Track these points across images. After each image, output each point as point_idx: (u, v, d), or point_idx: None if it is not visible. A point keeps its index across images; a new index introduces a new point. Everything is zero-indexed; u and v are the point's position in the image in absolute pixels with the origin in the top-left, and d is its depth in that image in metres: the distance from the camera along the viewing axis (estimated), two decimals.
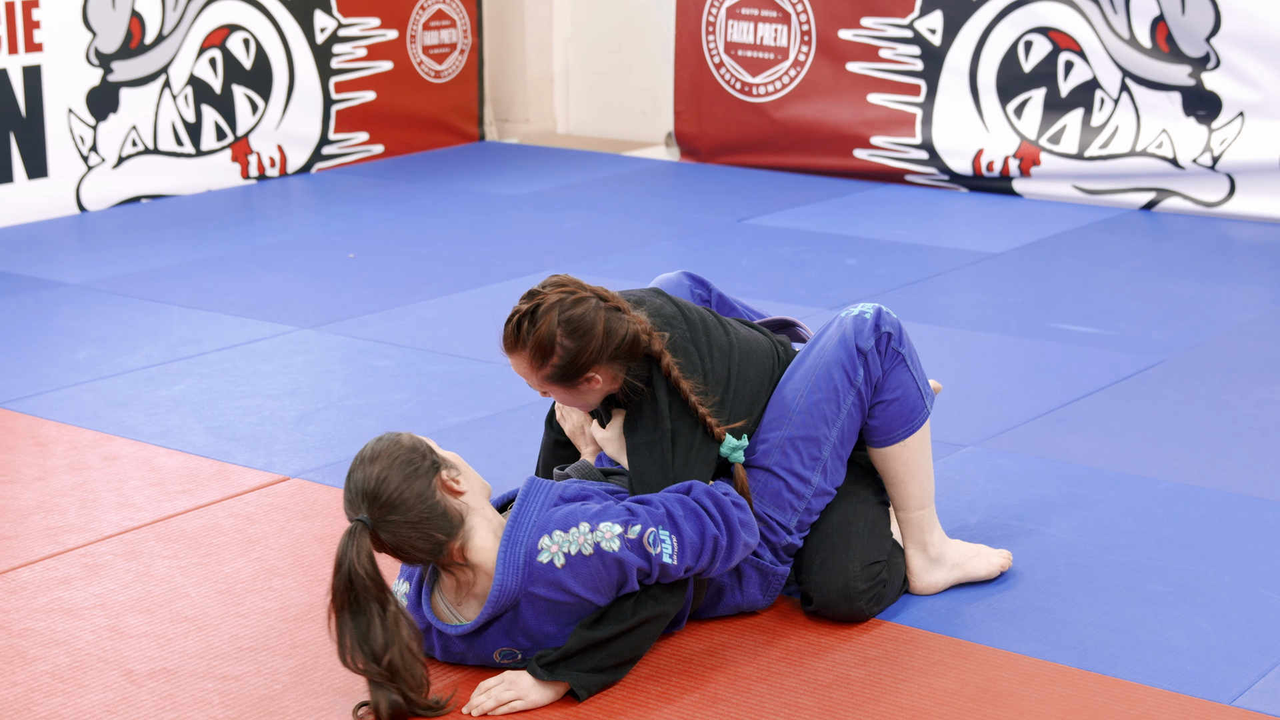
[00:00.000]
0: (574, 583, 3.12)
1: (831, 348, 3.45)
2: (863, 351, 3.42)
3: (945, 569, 3.61)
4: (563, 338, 3.26)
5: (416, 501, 3.07)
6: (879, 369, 3.44)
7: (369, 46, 8.53)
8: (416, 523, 3.07)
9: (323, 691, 3.22)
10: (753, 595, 3.46)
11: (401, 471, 3.07)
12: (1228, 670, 3.28)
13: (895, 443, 3.49)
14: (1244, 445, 4.53)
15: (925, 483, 3.54)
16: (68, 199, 7.40)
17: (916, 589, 3.60)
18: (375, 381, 5.09)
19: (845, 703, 3.17)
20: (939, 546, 3.59)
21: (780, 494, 3.42)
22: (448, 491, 3.12)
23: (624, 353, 3.29)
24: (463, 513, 3.14)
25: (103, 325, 5.72)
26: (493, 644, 3.20)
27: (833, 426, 3.42)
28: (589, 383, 3.31)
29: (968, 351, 5.38)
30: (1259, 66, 7.11)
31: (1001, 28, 7.66)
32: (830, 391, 3.42)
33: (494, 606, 3.14)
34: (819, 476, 3.43)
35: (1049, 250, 6.72)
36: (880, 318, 3.45)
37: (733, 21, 8.35)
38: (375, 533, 3.07)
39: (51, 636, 3.46)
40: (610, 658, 3.16)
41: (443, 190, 7.91)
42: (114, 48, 7.47)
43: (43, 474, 4.37)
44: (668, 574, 3.16)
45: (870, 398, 3.45)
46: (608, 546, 3.11)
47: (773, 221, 7.21)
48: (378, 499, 3.05)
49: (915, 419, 3.49)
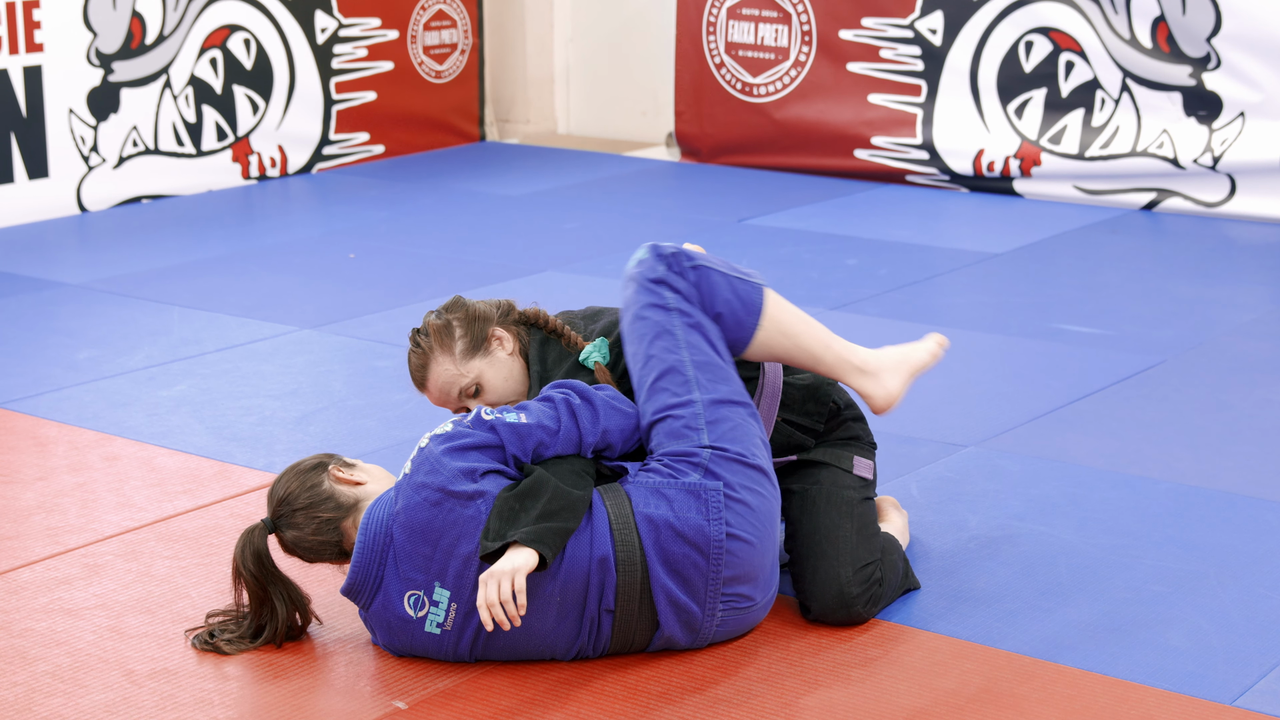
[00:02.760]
0: (417, 473, 3.24)
1: (633, 299, 3.46)
2: (658, 280, 3.43)
3: (889, 373, 3.55)
4: (446, 316, 3.62)
5: (306, 489, 3.35)
6: (684, 284, 3.43)
7: (370, 47, 8.53)
8: (306, 507, 3.33)
9: (324, 691, 3.22)
10: (694, 520, 3.24)
11: (298, 472, 3.40)
12: (1228, 670, 3.28)
13: (754, 335, 3.46)
14: (1245, 446, 4.53)
15: (813, 338, 3.50)
16: (68, 199, 7.40)
17: (881, 408, 3.54)
18: (376, 382, 5.09)
19: (845, 703, 3.17)
20: (871, 361, 3.54)
21: (673, 430, 3.34)
22: (337, 480, 3.37)
23: (507, 313, 3.64)
24: (358, 496, 3.36)
25: (103, 325, 5.72)
26: (396, 593, 3.24)
27: (680, 350, 3.40)
28: (499, 342, 3.60)
29: (968, 352, 5.37)
30: (1260, 67, 7.11)
31: (1002, 28, 7.66)
32: (655, 329, 3.41)
33: (365, 533, 3.24)
34: (698, 392, 3.36)
35: (1050, 251, 6.72)
36: (656, 249, 3.47)
37: (733, 22, 8.35)
38: (279, 531, 3.37)
39: (52, 637, 3.46)
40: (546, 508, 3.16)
41: (443, 190, 7.92)
42: (115, 48, 7.47)
43: (43, 474, 4.37)
44: (529, 435, 3.27)
45: (699, 315, 3.43)
46: (440, 430, 3.30)
47: (773, 222, 7.21)
48: (273, 497, 3.38)
49: (753, 305, 3.46)
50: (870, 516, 3.55)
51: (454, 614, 3.22)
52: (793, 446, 3.59)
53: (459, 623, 3.23)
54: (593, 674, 3.28)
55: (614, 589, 3.23)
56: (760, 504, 3.32)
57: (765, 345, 3.48)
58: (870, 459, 3.66)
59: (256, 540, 3.33)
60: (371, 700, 3.19)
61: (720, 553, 3.26)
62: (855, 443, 3.66)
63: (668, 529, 3.24)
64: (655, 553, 3.23)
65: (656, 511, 3.25)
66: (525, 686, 3.24)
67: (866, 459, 3.64)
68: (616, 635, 3.28)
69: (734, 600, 3.32)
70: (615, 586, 3.22)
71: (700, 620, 3.30)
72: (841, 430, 3.65)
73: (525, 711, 3.15)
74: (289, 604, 3.37)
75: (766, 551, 3.33)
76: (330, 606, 3.54)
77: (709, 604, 3.29)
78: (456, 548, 3.19)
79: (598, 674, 3.28)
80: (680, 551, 3.24)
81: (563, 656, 3.30)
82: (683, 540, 3.24)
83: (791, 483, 3.58)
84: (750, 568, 3.30)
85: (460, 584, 3.21)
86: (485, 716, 3.14)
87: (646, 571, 3.23)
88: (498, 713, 3.15)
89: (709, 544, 3.25)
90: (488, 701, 3.19)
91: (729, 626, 3.36)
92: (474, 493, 3.19)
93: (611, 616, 3.25)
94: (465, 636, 3.25)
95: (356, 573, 3.25)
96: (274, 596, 3.36)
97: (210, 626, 3.42)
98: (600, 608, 3.25)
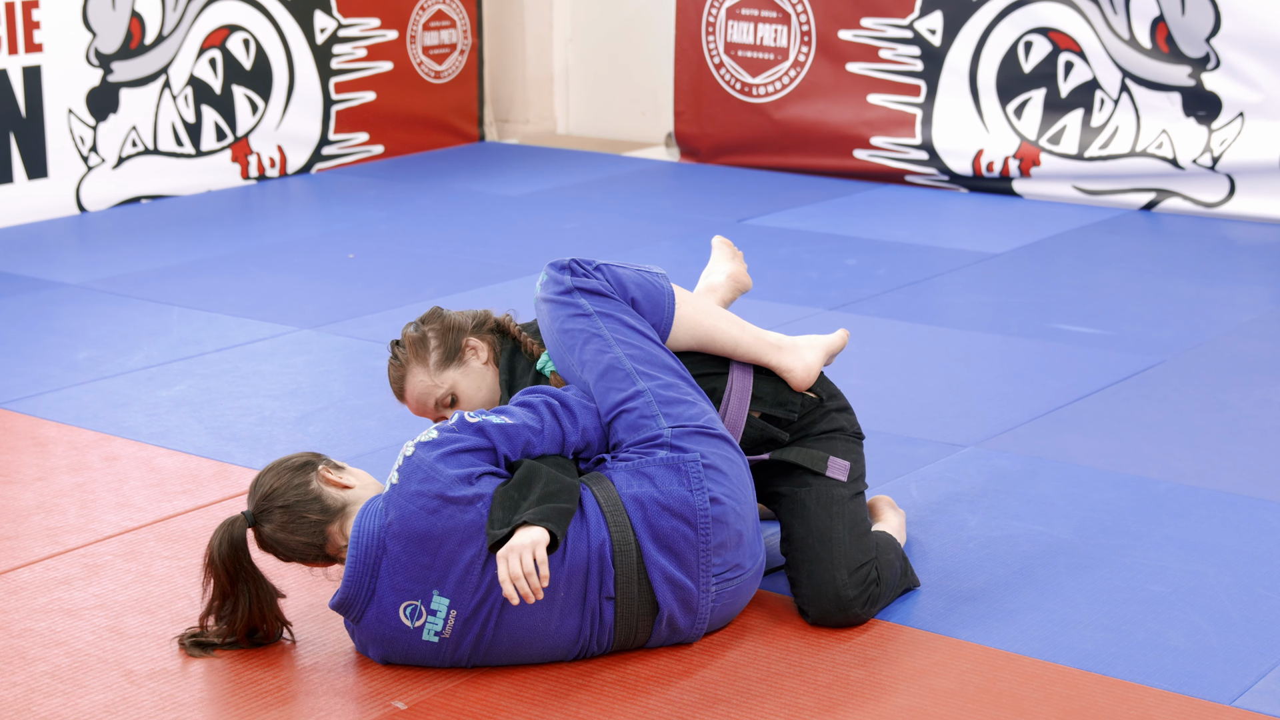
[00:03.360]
0: (409, 481, 3.20)
1: (551, 319, 3.50)
2: (568, 289, 3.48)
3: (805, 349, 3.64)
4: (423, 328, 3.67)
5: (293, 487, 3.30)
6: (596, 282, 3.48)
7: (369, 47, 8.53)
8: (291, 505, 3.28)
9: (324, 691, 3.22)
10: (678, 492, 3.27)
11: (286, 468, 3.34)
12: (1228, 671, 3.28)
13: (673, 316, 3.54)
14: (1244, 446, 4.53)
15: (728, 318, 3.59)
16: (68, 199, 7.40)
17: (802, 382, 3.61)
18: (375, 382, 5.09)
19: (845, 703, 3.17)
20: (787, 339, 3.64)
21: (630, 424, 3.37)
22: (326, 482, 3.32)
23: (482, 323, 3.70)
24: (345, 500, 3.31)
25: (103, 326, 5.72)
26: (391, 605, 3.21)
27: (612, 349, 3.43)
28: (473, 351, 3.66)
29: (968, 352, 5.38)
30: (1259, 67, 7.11)
31: (1001, 28, 7.66)
32: (582, 337, 3.45)
33: (357, 546, 3.20)
34: (642, 381, 3.40)
35: (1049, 251, 6.72)
36: (553, 266, 3.52)
37: (733, 22, 8.35)
38: (259, 526, 3.30)
39: (51, 637, 3.46)
40: (544, 491, 3.16)
41: (442, 191, 7.92)
42: (114, 48, 7.47)
43: (43, 474, 4.37)
44: (517, 435, 3.28)
45: (619, 305, 3.48)
46: (425, 437, 3.28)
47: (773, 222, 7.21)
48: (256, 490, 3.32)
49: (663, 289, 3.54)
50: (861, 514, 3.55)
51: (453, 621, 3.21)
52: (766, 440, 3.59)
53: (458, 630, 3.22)
54: (591, 672, 3.28)
55: (612, 575, 3.23)
56: (732, 469, 3.37)
57: (686, 328, 3.56)
58: (852, 456, 3.62)
59: (236, 531, 3.28)
60: (370, 700, 3.19)
61: (707, 520, 3.29)
62: (839, 434, 3.64)
63: (654, 504, 3.27)
64: (645, 530, 3.26)
65: (641, 490, 3.28)
66: (524, 686, 3.24)
67: (843, 459, 3.60)
68: (620, 625, 3.28)
69: (725, 573, 3.33)
70: (614, 572, 3.23)
71: (696, 597, 3.31)
72: (825, 422, 3.64)
73: (524, 711, 3.15)
74: (253, 602, 3.32)
75: (747, 514, 3.38)
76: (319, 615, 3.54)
77: (703, 579, 3.30)
78: (458, 554, 3.18)
79: (596, 671, 3.28)
80: (669, 525, 3.27)
81: (565, 657, 3.30)
82: (669, 514, 3.27)
83: (780, 485, 3.58)
84: (735, 530, 3.34)
85: (460, 591, 3.19)
86: (484, 715, 3.14)
87: (640, 551, 3.25)
88: (496, 712, 3.15)
89: (695, 514, 3.28)
90: (486, 701, 3.19)
91: (724, 601, 3.37)
92: (473, 496, 3.19)
93: (612, 604, 3.26)
94: (464, 643, 3.24)
95: (349, 586, 3.22)
96: (239, 593, 3.31)
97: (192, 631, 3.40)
98: (600, 595, 3.25)
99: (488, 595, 3.19)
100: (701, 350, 3.60)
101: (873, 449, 4.29)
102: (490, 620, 3.21)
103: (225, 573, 3.28)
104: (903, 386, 5.02)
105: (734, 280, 3.95)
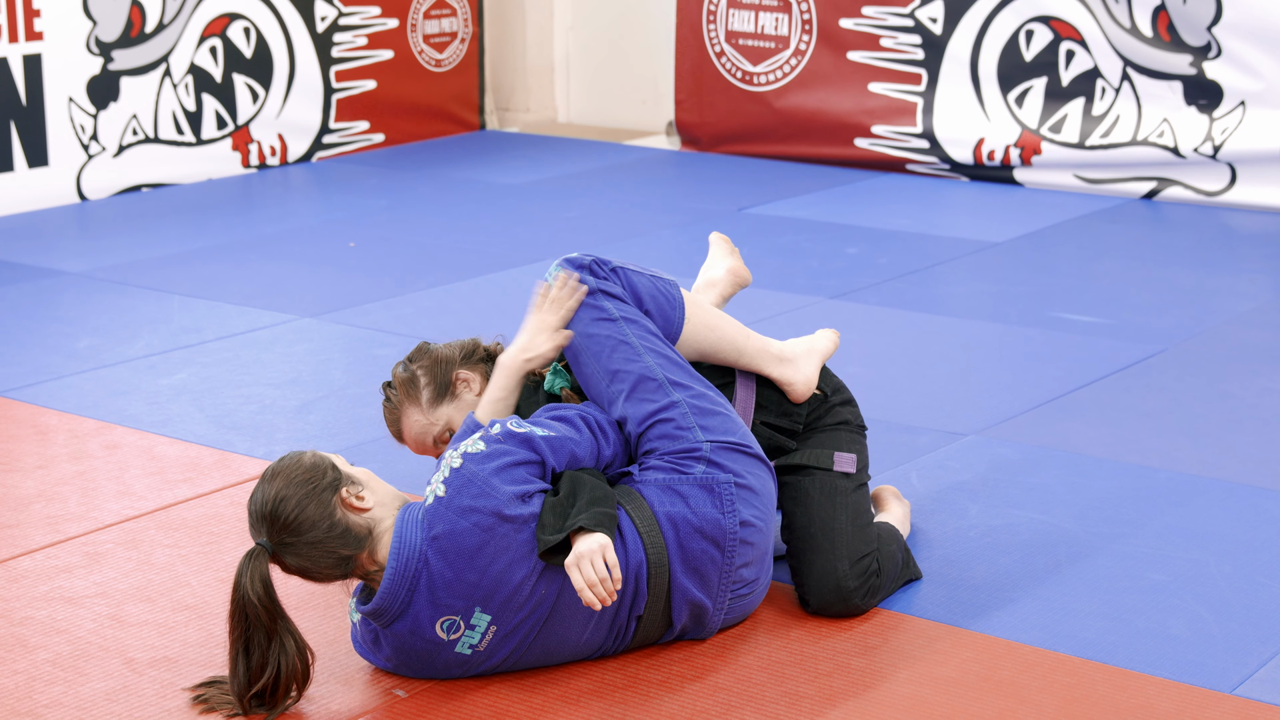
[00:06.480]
0: (461, 495, 3.10)
1: (574, 319, 3.43)
2: (590, 292, 3.42)
3: (803, 358, 3.63)
4: (411, 367, 3.65)
5: (317, 521, 3.05)
6: (618, 289, 3.44)
7: (369, 35, 8.52)
8: (319, 542, 3.06)
9: (324, 679, 3.22)
10: (710, 515, 3.25)
11: (299, 491, 3.06)
12: (1228, 659, 3.29)
13: (682, 328, 3.50)
14: (1245, 434, 4.53)
15: (734, 327, 3.57)
16: (68, 188, 7.40)
17: (801, 394, 3.60)
18: (376, 370, 5.09)
19: (846, 691, 3.17)
20: (787, 350, 3.63)
21: (666, 433, 3.32)
22: (349, 509, 3.10)
23: (471, 353, 3.67)
24: (369, 526, 3.11)
25: (103, 314, 5.72)
26: (428, 619, 3.11)
27: (643, 357, 3.38)
28: (465, 384, 3.62)
29: (968, 340, 5.38)
30: (1260, 56, 7.10)
31: (1002, 16, 7.65)
32: (609, 343, 3.40)
33: (397, 558, 3.07)
34: (676, 393, 3.36)
35: (1050, 239, 6.72)
36: (572, 263, 3.45)
37: (733, 10, 8.34)
38: (279, 556, 3.06)
39: (52, 625, 3.46)
40: (591, 496, 3.13)
41: (443, 179, 7.91)
42: (114, 36, 7.47)
43: (43, 463, 4.37)
44: (561, 447, 3.22)
45: (639, 315, 3.44)
46: (474, 448, 3.17)
47: (773, 210, 7.21)
48: (276, 520, 3.04)
49: (674, 299, 3.50)
50: (864, 505, 3.55)
51: (491, 636, 3.14)
52: (773, 449, 3.59)
53: (494, 644, 3.16)
54: (594, 663, 3.28)
55: (645, 598, 3.22)
56: (763, 488, 3.35)
57: (693, 338, 3.52)
58: (856, 448, 3.63)
59: (263, 567, 3.01)
60: (371, 689, 3.19)
61: (735, 544, 3.27)
62: (844, 428, 3.64)
63: (686, 525, 3.23)
64: (676, 552, 3.23)
65: (674, 509, 3.24)
66: (526, 676, 3.24)
67: (849, 452, 3.60)
68: (636, 638, 3.29)
69: (738, 588, 3.33)
70: (647, 595, 3.21)
71: (710, 614, 3.31)
72: (830, 416, 3.65)
73: (526, 701, 3.15)
74: (297, 644, 3.05)
75: (769, 531, 3.38)
76: (319, 603, 3.54)
77: (720, 598, 3.30)
78: (509, 574, 3.10)
79: (599, 663, 3.29)
80: (699, 548, 3.24)
81: (579, 660, 3.30)
82: (701, 536, 3.24)
83: (784, 474, 3.58)
84: (760, 550, 3.33)
85: (506, 609, 3.12)
86: (486, 706, 3.14)
87: (670, 572, 3.23)
88: (498, 702, 3.15)
89: (725, 536, 3.26)
90: (488, 691, 3.19)
91: (732, 615, 3.38)
92: (529, 516, 3.12)
93: (639, 622, 3.25)
94: (497, 656, 3.18)
95: (385, 598, 3.10)
96: (282, 632, 3.03)
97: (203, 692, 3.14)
98: (630, 614, 3.23)
99: (532, 612, 3.14)
100: (703, 360, 3.58)
101: (874, 438, 4.29)
102: (530, 635, 3.17)
103: (265, 612, 3.00)
104: (903, 375, 5.02)
105: (733, 275, 3.94)
